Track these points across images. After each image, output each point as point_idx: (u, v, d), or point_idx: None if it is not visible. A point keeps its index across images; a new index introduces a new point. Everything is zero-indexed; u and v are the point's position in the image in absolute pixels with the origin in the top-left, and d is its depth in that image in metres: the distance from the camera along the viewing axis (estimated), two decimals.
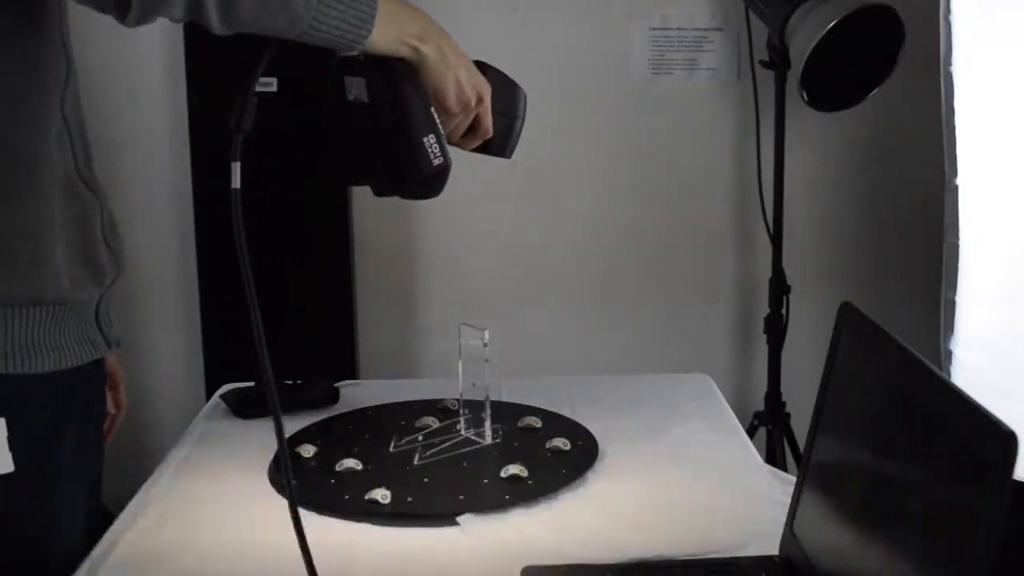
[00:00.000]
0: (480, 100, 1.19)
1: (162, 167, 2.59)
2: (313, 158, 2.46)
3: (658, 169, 2.71)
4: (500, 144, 1.25)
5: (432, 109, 1.14)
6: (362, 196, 2.63)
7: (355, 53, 1.12)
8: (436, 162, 1.14)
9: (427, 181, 1.15)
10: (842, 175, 2.73)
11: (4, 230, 1.08)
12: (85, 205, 1.18)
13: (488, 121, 1.21)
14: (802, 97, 2.35)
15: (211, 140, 2.51)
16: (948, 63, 2.01)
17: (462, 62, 1.16)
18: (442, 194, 1.21)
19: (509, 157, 1.27)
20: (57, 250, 1.13)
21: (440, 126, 1.15)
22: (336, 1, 1.05)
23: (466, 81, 1.16)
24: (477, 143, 1.23)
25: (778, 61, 2.40)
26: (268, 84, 2.45)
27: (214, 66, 2.47)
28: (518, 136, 1.27)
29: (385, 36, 1.10)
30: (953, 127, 2.02)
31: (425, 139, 1.13)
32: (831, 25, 2.24)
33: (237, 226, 1.00)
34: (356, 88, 1.16)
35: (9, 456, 1.10)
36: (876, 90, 2.42)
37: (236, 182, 1.00)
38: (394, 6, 1.11)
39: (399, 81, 1.13)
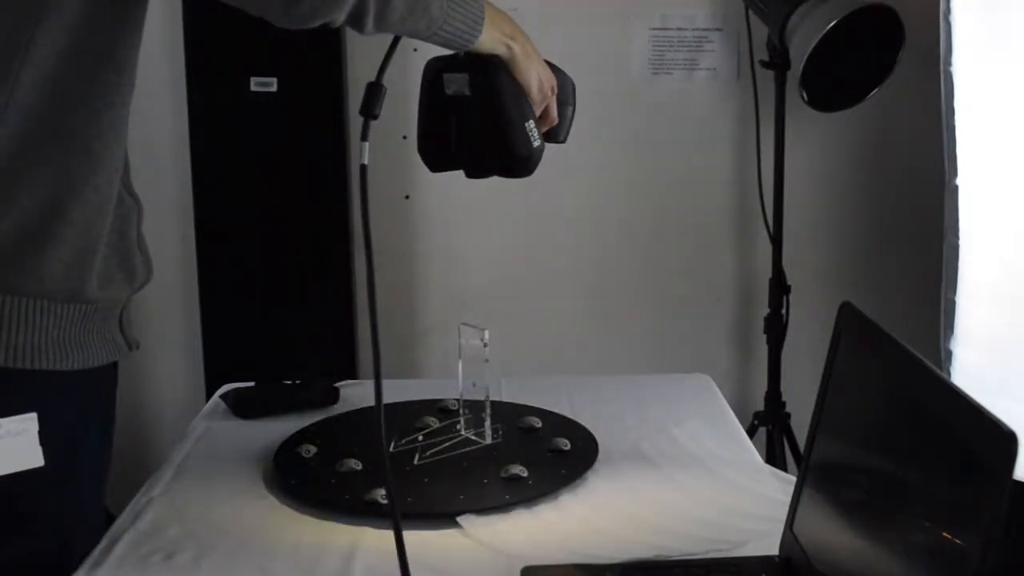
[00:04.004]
0: (553, 90, 1.32)
1: (162, 167, 2.59)
2: (313, 159, 2.46)
3: (658, 169, 2.70)
4: (557, 130, 1.38)
5: (526, 98, 1.28)
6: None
7: (458, 52, 1.25)
8: (535, 144, 1.29)
9: (528, 161, 1.30)
10: (842, 175, 2.73)
11: (67, 219, 1.11)
12: (126, 208, 1.21)
13: (555, 110, 1.34)
14: (802, 97, 2.35)
15: (211, 139, 2.51)
16: (948, 63, 2.01)
17: (539, 57, 1.30)
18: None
19: (564, 142, 1.40)
20: (100, 248, 1.16)
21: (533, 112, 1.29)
22: (458, 7, 1.17)
23: (543, 74, 1.30)
24: (544, 130, 1.34)
25: (778, 61, 2.40)
26: (268, 84, 2.45)
27: (214, 66, 2.47)
28: (571, 122, 1.39)
29: (490, 36, 1.23)
30: (953, 127, 2.02)
31: (526, 124, 1.28)
32: (831, 25, 2.24)
33: (364, 202, 1.10)
34: (456, 83, 1.28)
35: (40, 451, 1.12)
36: (876, 90, 2.42)
37: (365, 159, 1.10)
38: (491, 9, 1.23)
39: (500, 75, 1.26)
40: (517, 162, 1.30)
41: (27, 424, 1.10)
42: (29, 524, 1.17)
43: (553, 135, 1.36)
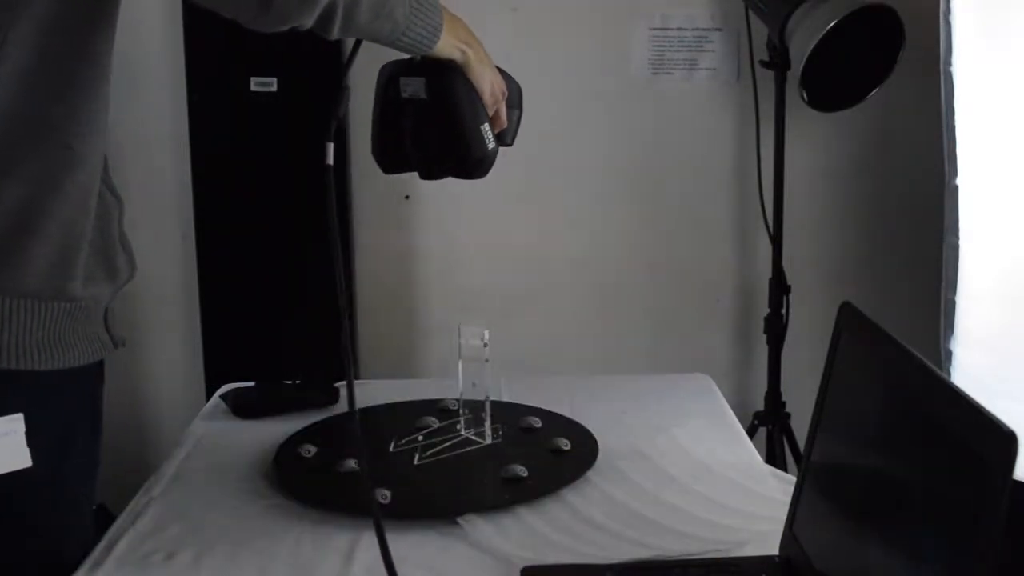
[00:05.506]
0: (504, 94, 1.35)
1: (162, 167, 2.59)
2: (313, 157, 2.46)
3: (658, 169, 2.70)
4: (505, 133, 1.40)
5: (480, 102, 1.32)
6: (362, 196, 2.64)
7: (416, 56, 1.28)
8: (490, 146, 1.33)
9: (482, 163, 1.33)
10: (842, 175, 2.73)
11: (49, 216, 1.11)
12: (107, 204, 1.21)
13: (504, 113, 1.36)
14: (802, 97, 2.35)
15: (211, 139, 2.51)
16: (948, 63, 2.01)
17: (491, 62, 1.33)
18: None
19: (511, 144, 1.42)
20: (83, 246, 1.15)
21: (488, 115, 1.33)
22: (420, 13, 1.20)
23: (494, 78, 1.33)
24: (495, 132, 1.37)
25: (778, 61, 2.40)
26: (268, 84, 2.45)
27: (214, 66, 2.47)
28: (518, 125, 1.42)
29: (447, 41, 1.26)
30: (953, 127, 2.02)
31: (481, 127, 1.31)
32: (831, 25, 2.24)
33: (330, 202, 1.13)
34: (413, 87, 1.31)
35: (27, 452, 1.11)
36: (876, 90, 2.42)
37: (329, 159, 1.14)
38: (448, 15, 1.27)
39: (456, 79, 1.30)
40: (473, 164, 1.33)
41: (14, 425, 1.10)
42: (17, 526, 1.16)
43: (501, 138, 1.39)
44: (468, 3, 1.46)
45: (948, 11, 1.99)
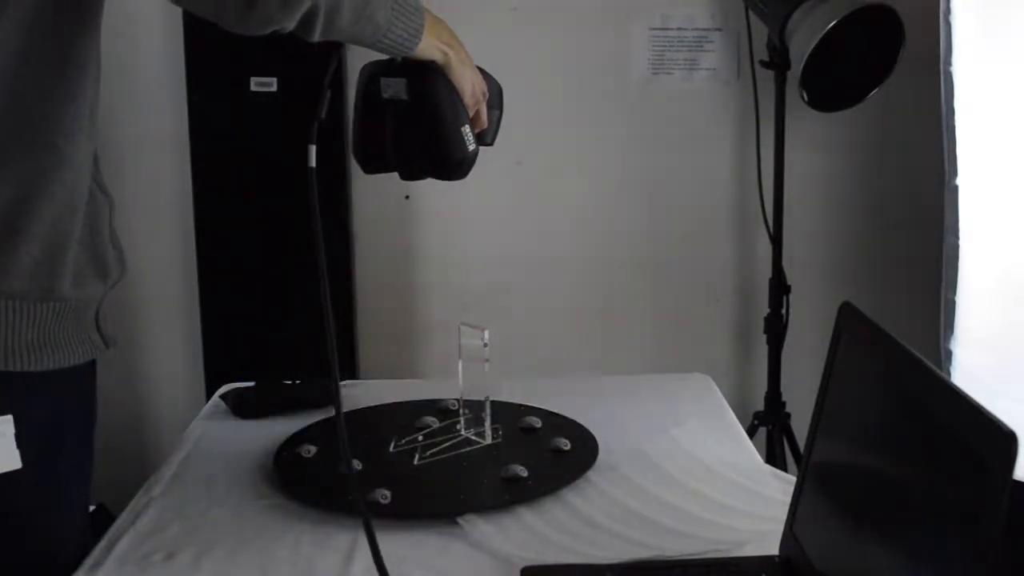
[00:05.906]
0: (484, 95, 1.35)
1: (162, 167, 2.59)
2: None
3: (658, 169, 2.70)
4: (485, 133, 1.39)
5: (461, 103, 1.31)
6: (362, 196, 2.64)
7: (398, 57, 1.27)
8: (471, 148, 1.32)
9: (462, 164, 1.32)
10: (842, 175, 2.73)
11: (36, 216, 1.10)
12: (97, 203, 1.20)
13: (485, 114, 1.36)
14: (802, 97, 2.35)
15: (211, 139, 2.51)
16: (948, 63, 2.01)
17: (472, 63, 1.32)
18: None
19: (491, 144, 1.41)
20: (72, 245, 1.15)
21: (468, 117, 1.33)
22: (401, 15, 1.20)
23: (475, 79, 1.32)
24: (475, 132, 1.36)
25: (778, 61, 2.40)
26: (268, 84, 2.45)
27: (214, 65, 2.47)
28: (498, 125, 1.42)
29: (428, 42, 1.25)
30: (953, 127, 2.02)
31: (462, 128, 1.31)
32: (831, 25, 2.24)
33: (312, 204, 1.13)
34: (393, 87, 1.30)
35: (17, 453, 1.10)
36: (876, 90, 2.42)
37: (312, 162, 1.14)
38: (430, 16, 1.26)
39: (437, 80, 1.29)
40: (453, 166, 1.32)
41: (3, 427, 1.09)
42: (10, 528, 1.15)
43: (481, 138, 1.38)
44: (468, 3, 1.47)
45: (948, 11, 1.99)
